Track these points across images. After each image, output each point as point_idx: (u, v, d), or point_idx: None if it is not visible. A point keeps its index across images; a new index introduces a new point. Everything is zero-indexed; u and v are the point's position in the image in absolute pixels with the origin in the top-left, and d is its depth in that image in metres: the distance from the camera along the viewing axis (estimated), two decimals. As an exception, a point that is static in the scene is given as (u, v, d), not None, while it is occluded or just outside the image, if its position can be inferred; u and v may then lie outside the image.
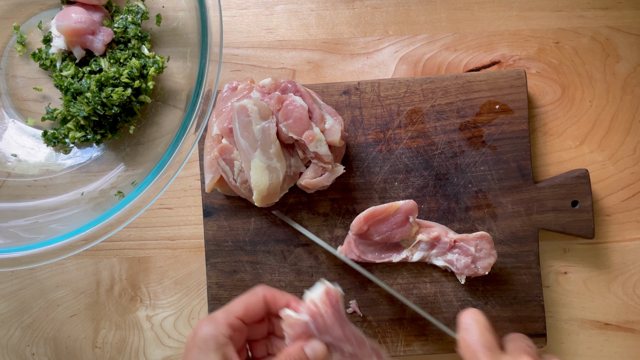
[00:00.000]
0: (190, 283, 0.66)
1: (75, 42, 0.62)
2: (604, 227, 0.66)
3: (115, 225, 0.54)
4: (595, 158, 0.66)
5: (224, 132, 0.58)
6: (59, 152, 0.65)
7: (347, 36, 0.68)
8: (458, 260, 0.60)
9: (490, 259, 0.59)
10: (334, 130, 0.58)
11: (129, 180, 0.61)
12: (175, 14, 0.65)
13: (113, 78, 0.61)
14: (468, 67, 0.67)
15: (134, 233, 0.66)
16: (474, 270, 0.59)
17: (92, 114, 0.61)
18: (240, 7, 0.68)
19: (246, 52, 0.68)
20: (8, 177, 0.64)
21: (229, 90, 0.61)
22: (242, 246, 0.64)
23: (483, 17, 0.68)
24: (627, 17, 0.67)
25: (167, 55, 0.64)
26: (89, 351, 0.66)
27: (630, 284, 0.66)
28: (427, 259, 0.61)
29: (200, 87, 0.54)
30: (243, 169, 0.58)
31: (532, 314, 0.63)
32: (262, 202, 0.58)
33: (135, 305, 0.66)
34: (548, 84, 0.67)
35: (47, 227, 0.58)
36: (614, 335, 0.66)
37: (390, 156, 0.64)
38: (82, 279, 0.66)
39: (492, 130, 0.64)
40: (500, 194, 0.63)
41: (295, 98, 0.57)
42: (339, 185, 0.64)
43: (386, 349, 0.63)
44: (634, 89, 0.67)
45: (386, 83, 0.64)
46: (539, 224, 0.63)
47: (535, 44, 0.67)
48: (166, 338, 0.66)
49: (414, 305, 0.60)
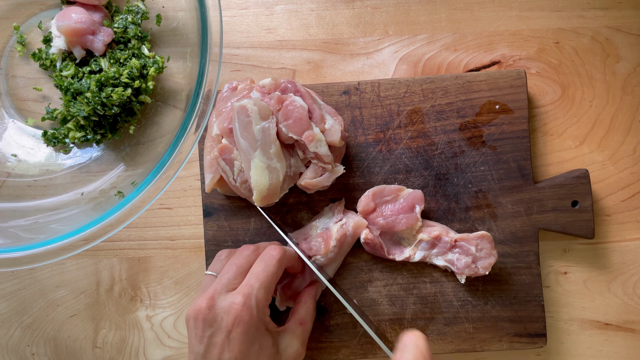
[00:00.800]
0: (190, 283, 0.66)
1: (76, 42, 0.62)
2: (604, 227, 0.66)
3: (115, 225, 0.54)
4: (595, 158, 0.66)
5: (224, 132, 0.58)
6: (59, 152, 0.65)
7: (347, 36, 0.68)
8: (459, 259, 0.60)
9: (490, 258, 0.59)
10: (334, 130, 0.58)
11: (129, 180, 0.61)
12: (175, 14, 0.65)
13: (113, 78, 0.61)
14: (468, 67, 0.67)
15: (134, 233, 0.66)
16: (475, 270, 0.59)
17: (92, 114, 0.61)
18: (240, 7, 0.68)
19: (246, 52, 0.68)
20: (8, 177, 0.64)
21: (229, 90, 0.61)
22: (242, 246, 0.64)
23: (483, 17, 0.68)
24: (627, 17, 0.67)
25: (167, 55, 0.64)
26: (89, 351, 0.66)
27: (630, 284, 0.66)
28: (428, 258, 0.61)
29: (200, 87, 0.54)
30: (243, 169, 0.58)
31: (532, 314, 0.63)
32: (262, 202, 0.58)
33: (135, 305, 0.66)
34: (548, 84, 0.67)
35: (47, 227, 0.58)
36: (614, 335, 0.66)
37: (390, 156, 0.64)
38: (82, 279, 0.66)
39: (492, 130, 0.64)
40: (500, 194, 0.63)
41: (295, 98, 0.57)
42: (339, 186, 0.64)
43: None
44: (634, 89, 0.67)
45: (386, 83, 0.64)
46: (539, 224, 0.63)
47: (535, 44, 0.67)
48: (166, 338, 0.66)
49: (355, 311, 0.58)
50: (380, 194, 0.60)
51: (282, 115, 0.57)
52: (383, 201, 0.61)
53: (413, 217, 0.60)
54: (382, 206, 0.60)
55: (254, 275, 0.53)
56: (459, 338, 0.63)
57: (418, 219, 0.60)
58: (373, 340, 0.60)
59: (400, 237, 0.61)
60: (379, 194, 0.60)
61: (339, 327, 0.63)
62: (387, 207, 0.60)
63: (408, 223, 0.60)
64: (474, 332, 0.63)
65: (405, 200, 0.60)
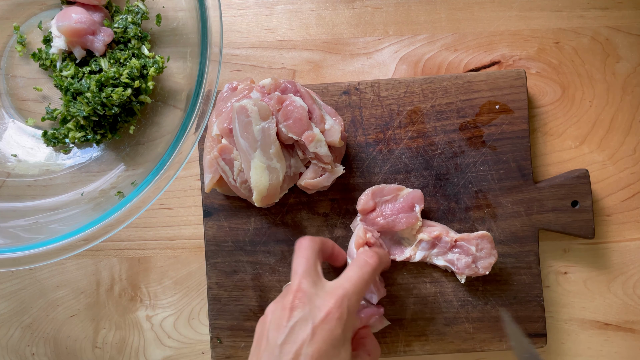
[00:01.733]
0: (190, 283, 0.66)
1: (76, 43, 0.62)
2: (604, 227, 0.66)
3: (115, 226, 0.54)
4: (595, 158, 0.66)
5: (224, 132, 0.58)
6: (59, 152, 0.65)
7: (347, 36, 0.68)
8: (459, 259, 0.60)
9: (491, 258, 0.59)
10: (333, 130, 0.58)
11: (129, 180, 0.61)
12: (175, 14, 0.65)
13: (113, 78, 0.61)
14: (468, 67, 0.67)
15: (134, 233, 0.66)
16: (475, 269, 0.59)
17: (92, 114, 0.61)
18: (240, 7, 0.68)
19: (246, 52, 0.68)
20: (8, 177, 0.64)
21: (229, 91, 0.61)
22: (242, 246, 0.64)
23: (483, 17, 0.68)
24: (627, 17, 0.67)
25: (167, 55, 0.64)
26: (89, 351, 0.66)
27: (630, 284, 0.66)
28: (428, 258, 0.61)
29: (200, 87, 0.54)
30: (243, 169, 0.58)
31: (532, 314, 0.63)
32: (262, 202, 0.58)
33: (135, 305, 0.66)
34: (548, 84, 0.67)
35: (47, 227, 0.58)
36: (614, 335, 0.66)
37: (390, 156, 0.64)
38: (82, 279, 0.67)
39: (492, 130, 0.64)
40: (500, 194, 0.63)
41: (295, 98, 0.57)
42: (339, 186, 0.64)
43: (386, 349, 0.63)
44: (634, 89, 0.67)
45: (386, 83, 0.64)
46: (539, 224, 0.63)
47: (535, 44, 0.67)
48: (166, 338, 0.66)
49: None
50: (379, 193, 0.61)
51: (282, 116, 0.57)
52: (383, 201, 0.61)
53: (413, 216, 0.60)
54: (381, 206, 0.60)
55: (347, 279, 0.50)
56: (459, 338, 0.63)
57: (418, 218, 0.60)
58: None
59: (400, 237, 0.61)
60: (379, 193, 0.61)
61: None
62: (386, 206, 0.60)
63: (408, 222, 0.60)
64: (474, 332, 0.63)
65: (405, 200, 0.60)
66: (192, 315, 0.66)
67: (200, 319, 0.66)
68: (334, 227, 0.64)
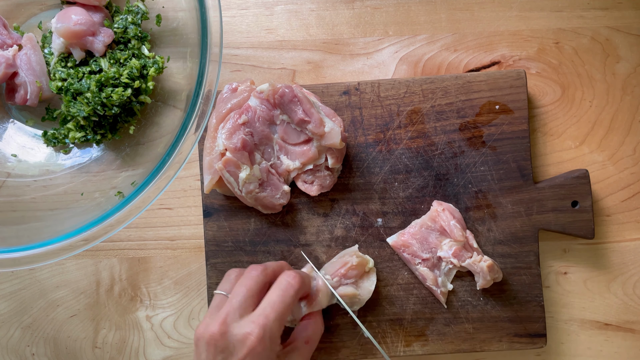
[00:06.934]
0: (190, 283, 0.67)
1: (75, 44, 0.62)
2: (604, 227, 0.66)
3: (115, 226, 0.54)
4: (595, 158, 0.66)
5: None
6: (59, 152, 0.65)
7: (347, 36, 0.68)
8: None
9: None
10: (333, 133, 0.58)
11: (129, 180, 0.61)
12: (175, 14, 0.65)
13: (113, 78, 0.61)
14: (468, 68, 0.67)
15: (134, 233, 0.66)
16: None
17: (92, 114, 0.61)
18: (240, 7, 0.68)
19: (246, 53, 0.68)
20: (8, 177, 0.64)
21: (229, 92, 0.61)
22: (242, 246, 0.64)
23: (483, 17, 0.68)
24: (627, 17, 0.67)
25: (167, 55, 0.64)
26: (89, 351, 0.66)
27: (630, 284, 0.66)
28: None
29: (200, 88, 0.54)
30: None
31: (532, 314, 0.63)
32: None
33: (135, 306, 0.66)
34: (548, 84, 0.67)
35: (47, 227, 0.58)
36: (614, 336, 0.66)
37: (390, 156, 0.64)
38: (82, 279, 0.67)
39: (492, 130, 0.64)
40: (500, 194, 0.63)
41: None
42: (339, 186, 0.64)
43: (386, 349, 0.63)
44: (634, 89, 0.67)
45: (386, 83, 0.64)
46: (539, 224, 0.63)
47: (535, 44, 0.67)
48: (166, 338, 0.66)
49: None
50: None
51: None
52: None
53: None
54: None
55: (269, 304, 0.52)
56: (459, 338, 0.63)
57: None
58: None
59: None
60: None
61: (339, 327, 0.63)
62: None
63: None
64: (474, 332, 0.63)
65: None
66: (192, 315, 0.66)
67: (200, 319, 0.66)
68: (334, 227, 0.64)
